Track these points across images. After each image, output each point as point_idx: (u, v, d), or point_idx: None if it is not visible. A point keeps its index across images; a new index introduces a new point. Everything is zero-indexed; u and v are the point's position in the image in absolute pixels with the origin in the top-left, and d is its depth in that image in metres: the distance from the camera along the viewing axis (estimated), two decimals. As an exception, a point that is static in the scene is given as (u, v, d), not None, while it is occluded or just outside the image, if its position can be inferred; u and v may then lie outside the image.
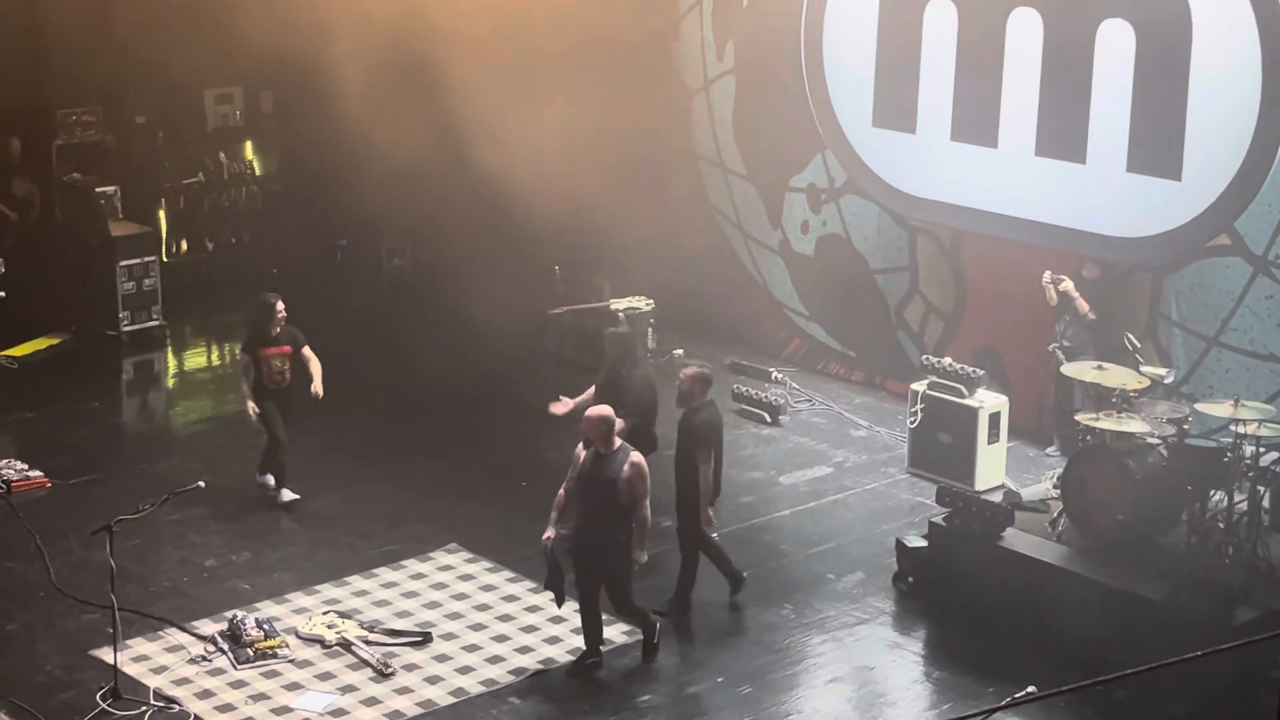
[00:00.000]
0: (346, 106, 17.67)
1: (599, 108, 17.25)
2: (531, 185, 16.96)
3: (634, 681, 11.42)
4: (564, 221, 17.33)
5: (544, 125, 16.80)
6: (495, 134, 17.04)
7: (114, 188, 18.12)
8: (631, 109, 17.71)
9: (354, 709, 11.01)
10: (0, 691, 10.86)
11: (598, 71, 17.09)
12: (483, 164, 17.17)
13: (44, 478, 14.23)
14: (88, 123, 18.39)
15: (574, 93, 16.83)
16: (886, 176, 16.28)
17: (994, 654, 11.69)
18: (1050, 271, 14.57)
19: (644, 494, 11.11)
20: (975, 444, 13.95)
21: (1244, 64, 13.70)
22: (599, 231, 17.64)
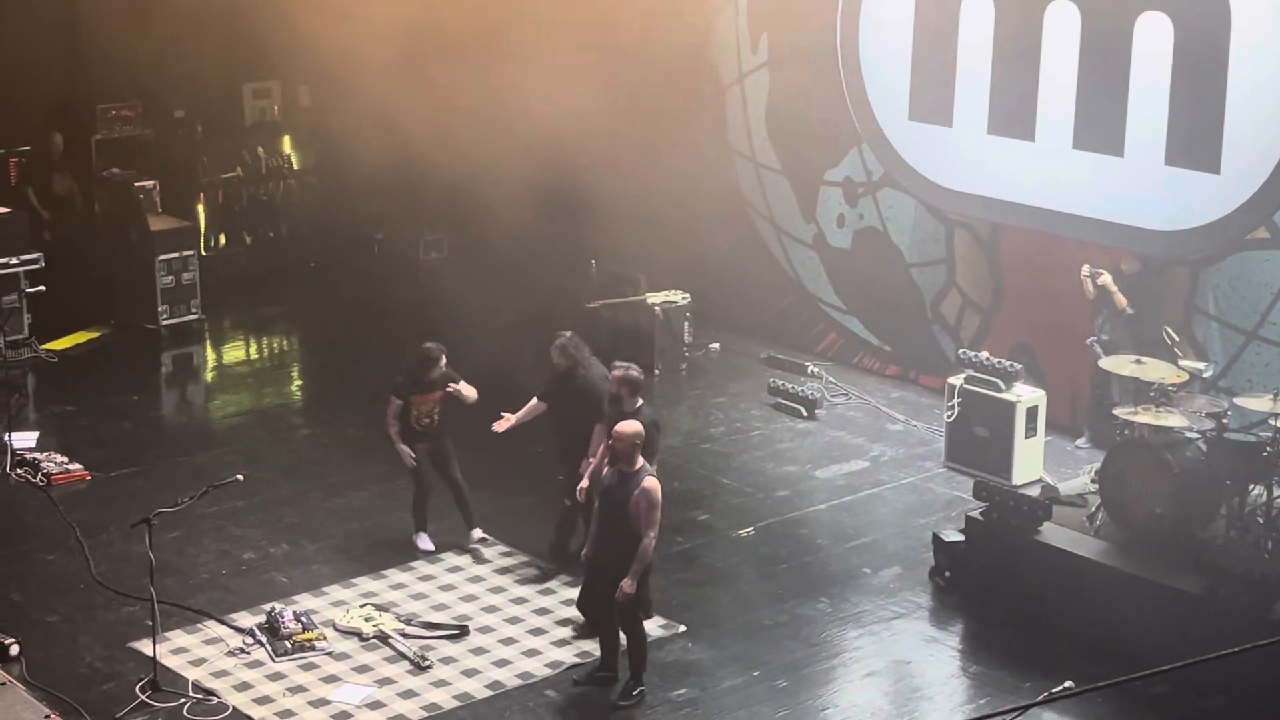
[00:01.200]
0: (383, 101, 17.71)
1: (633, 102, 17.25)
2: (566, 179, 16.98)
3: (669, 676, 11.40)
4: (599, 215, 17.35)
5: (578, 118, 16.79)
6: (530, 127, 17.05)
7: (153, 182, 18.16)
8: (665, 103, 17.72)
9: (391, 701, 11.02)
10: (41, 683, 10.91)
11: (632, 65, 17.08)
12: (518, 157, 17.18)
13: (84, 470, 14.28)
14: (127, 118, 18.48)
15: (608, 86, 16.82)
16: (923, 170, 16.22)
17: (1031, 649, 11.65)
18: (1089, 265, 14.49)
19: (650, 523, 10.71)
20: (1012, 438, 13.92)
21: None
22: (635, 225, 17.65)
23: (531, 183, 17.04)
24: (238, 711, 10.83)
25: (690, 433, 15.63)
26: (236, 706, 10.88)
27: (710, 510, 13.96)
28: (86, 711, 10.63)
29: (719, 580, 12.78)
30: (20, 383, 16.18)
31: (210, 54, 18.05)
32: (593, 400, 12.33)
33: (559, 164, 16.86)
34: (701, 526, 13.67)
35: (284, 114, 19.59)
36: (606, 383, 12.25)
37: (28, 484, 14.05)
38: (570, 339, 12.71)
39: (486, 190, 17.84)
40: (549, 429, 12.67)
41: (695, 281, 17.34)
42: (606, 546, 10.89)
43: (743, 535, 13.52)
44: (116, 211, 18.02)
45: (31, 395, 16.19)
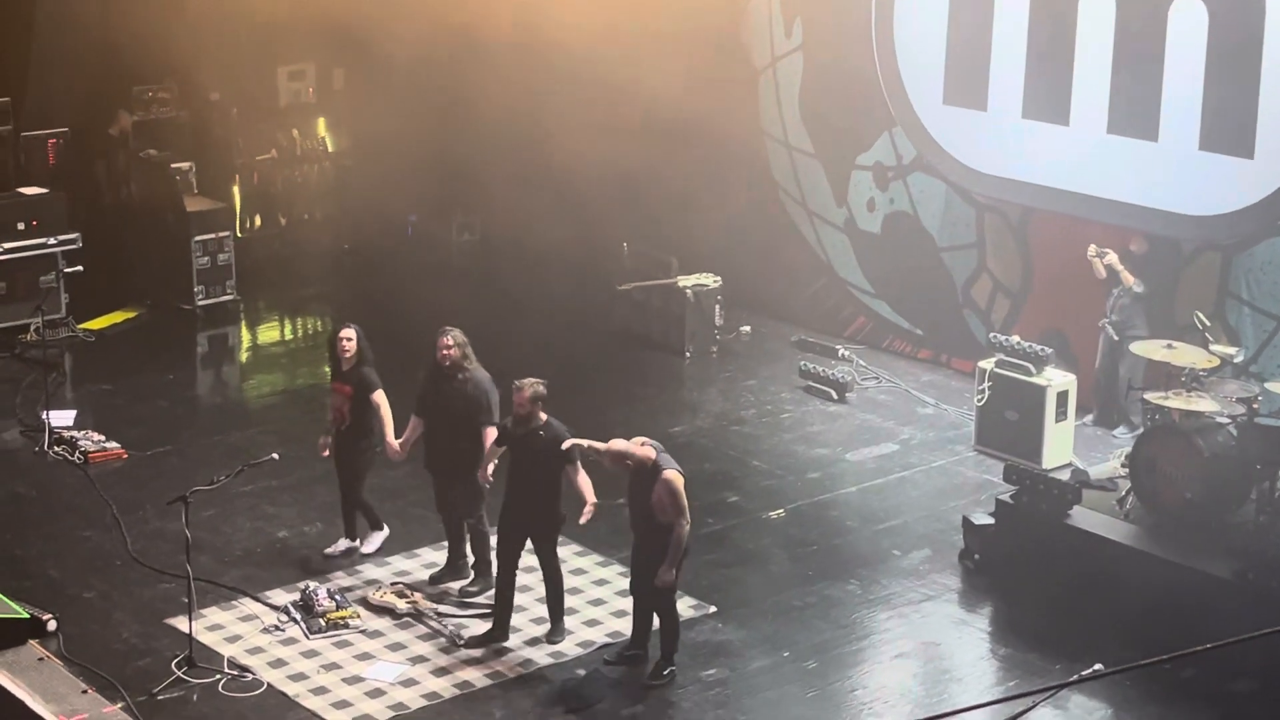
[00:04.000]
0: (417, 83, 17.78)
1: (666, 85, 17.24)
2: (599, 162, 16.99)
3: (700, 656, 11.43)
4: (632, 198, 17.36)
5: (610, 103, 16.81)
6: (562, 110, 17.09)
7: (189, 164, 18.21)
8: (698, 86, 17.69)
9: (424, 679, 11.08)
10: (78, 658, 10.98)
11: (664, 49, 17.06)
12: (551, 140, 17.22)
13: (120, 449, 14.35)
14: (163, 99, 18.53)
15: (640, 70, 16.82)
16: (956, 154, 16.18)
17: (1060, 631, 11.65)
18: (1095, 245, 14.49)
19: (677, 512, 10.79)
20: (1043, 422, 13.90)
21: (1317, 41, 13.57)
22: (666, 208, 17.67)
23: (564, 165, 17.07)
24: (272, 688, 10.91)
25: (721, 415, 15.63)
26: (271, 683, 10.96)
27: (741, 492, 13.98)
28: (123, 687, 10.70)
29: (749, 562, 12.81)
30: (58, 362, 16.25)
31: (245, 36, 18.08)
32: (481, 405, 11.85)
33: (592, 146, 16.88)
34: (732, 508, 13.68)
35: (319, 96, 19.61)
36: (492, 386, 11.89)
37: (65, 461, 14.14)
38: (459, 333, 11.99)
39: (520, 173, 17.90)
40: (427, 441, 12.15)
41: (727, 265, 17.32)
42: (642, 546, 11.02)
43: (773, 517, 13.54)
44: (153, 193, 18.07)
45: (69, 374, 16.26)
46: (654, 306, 17.11)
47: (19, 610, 11.03)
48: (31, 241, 16.84)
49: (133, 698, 10.58)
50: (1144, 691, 10.92)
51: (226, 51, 18.22)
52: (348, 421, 12.36)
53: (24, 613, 11.05)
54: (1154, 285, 14.40)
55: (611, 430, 11.38)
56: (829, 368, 16.28)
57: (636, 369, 16.59)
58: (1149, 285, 14.34)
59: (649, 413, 15.54)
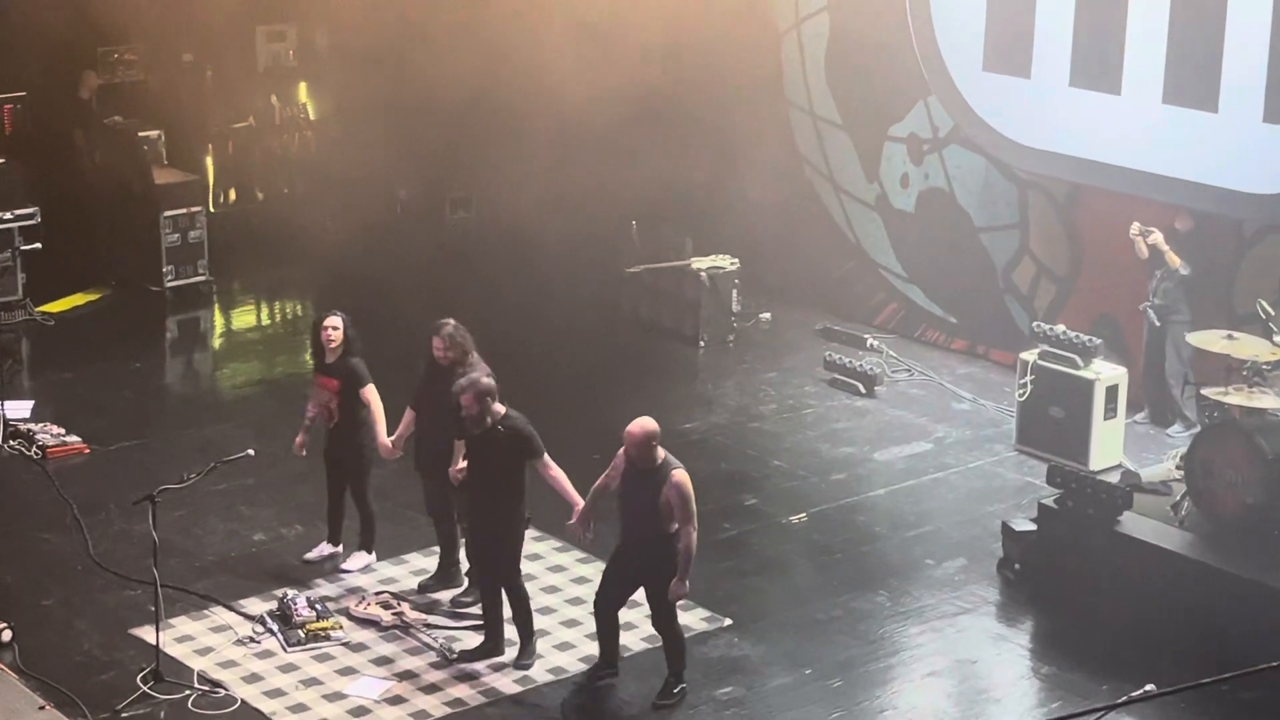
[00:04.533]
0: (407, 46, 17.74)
1: (679, 49, 17.23)
2: (607, 132, 16.99)
3: (714, 673, 11.43)
4: (642, 173, 17.35)
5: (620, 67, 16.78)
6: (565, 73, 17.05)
7: (158, 132, 18.27)
8: (715, 50, 17.68)
9: (412, 696, 11.07)
10: (35, 671, 10.97)
11: (679, 8, 17.04)
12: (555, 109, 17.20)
13: (82, 443, 14.36)
14: (130, 62, 18.55)
15: (651, 31, 16.81)
16: (997, 125, 16.16)
17: (1108, 648, 11.64)
18: (1139, 223, 14.51)
19: (686, 518, 10.72)
20: (1090, 419, 13.90)
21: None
22: (680, 183, 17.65)
23: (567, 137, 17.07)
24: (246, 705, 10.89)
25: (738, 410, 15.65)
26: (245, 699, 10.94)
27: (759, 494, 13.98)
28: (84, 703, 10.68)
29: (768, 570, 12.81)
30: (14, 347, 16.31)
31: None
32: None
33: (598, 116, 16.87)
34: (750, 512, 13.69)
35: (300, 59, 19.63)
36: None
37: (21, 457, 14.14)
38: (458, 327, 12.00)
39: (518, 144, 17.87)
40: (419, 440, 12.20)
41: (745, 245, 17.34)
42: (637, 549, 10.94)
43: (794, 522, 13.54)
44: (118, 163, 18.07)
45: (26, 361, 16.31)
46: (665, 291, 17.12)
47: (-30, 619, 11.06)
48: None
49: (94, 715, 10.55)
50: (1200, 715, 10.91)
51: (200, 9, 18.20)
52: (336, 419, 12.35)
53: (-24, 622, 11.07)
54: (1200, 267, 14.43)
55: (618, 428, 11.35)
56: (856, 359, 16.29)
57: (646, 360, 16.60)
58: (1194, 267, 14.36)
59: (659, 408, 15.45)
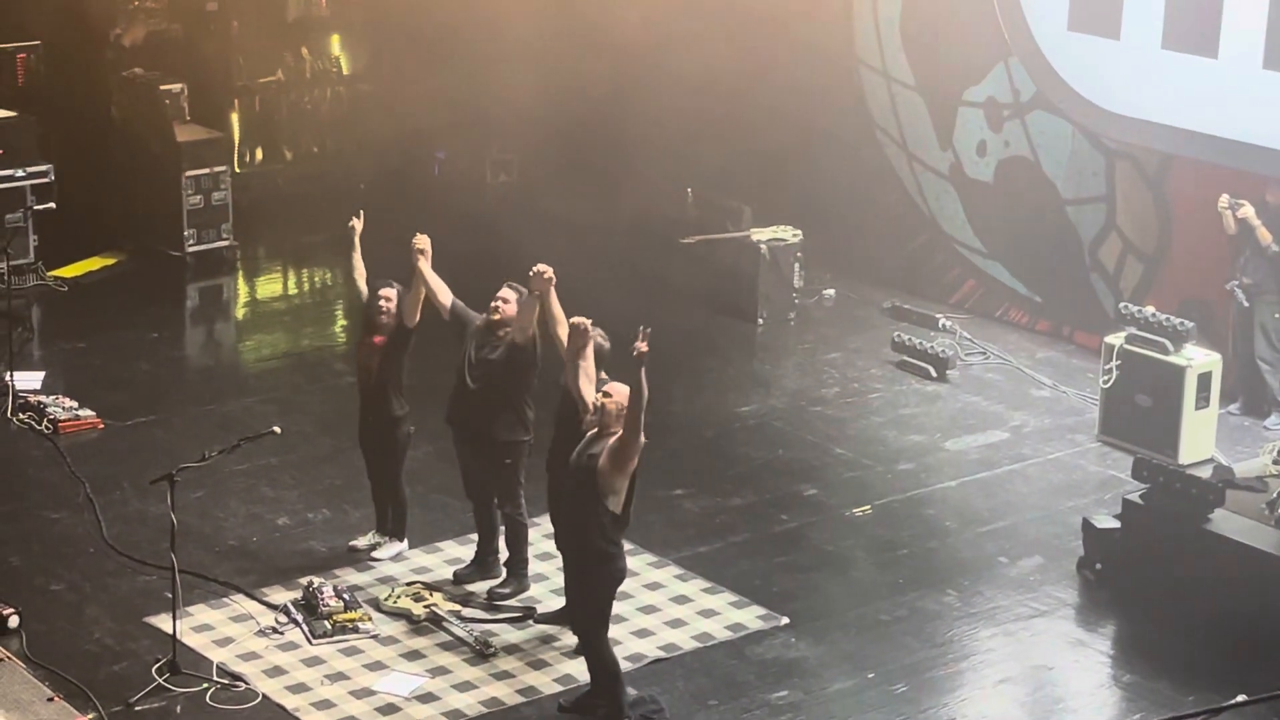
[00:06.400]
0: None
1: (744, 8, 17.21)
2: (660, 91, 16.97)
3: (769, 675, 11.45)
4: (699, 134, 17.32)
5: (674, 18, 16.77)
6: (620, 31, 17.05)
7: (180, 86, 18.27)
8: (780, 9, 17.65)
9: (445, 694, 11.11)
10: (43, 660, 11.03)
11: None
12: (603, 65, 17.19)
13: (96, 418, 14.45)
14: (151, 9, 18.60)
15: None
16: (1083, 90, 16.12)
17: (1196, 655, 11.61)
18: (1228, 195, 14.49)
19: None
20: (1180, 409, 13.84)
21: None
22: (740, 147, 17.63)
23: (619, 96, 17.05)
24: (268, 700, 10.94)
25: (798, 393, 15.66)
26: (266, 694, 10.99)
27: (821, 484, 13.99)
28: (94, 695, 10.74)
29: (828, 566, 12.81)
30: (25, 314, 16.38)
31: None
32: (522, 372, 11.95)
33: (651, 73, 16.86)
34: (810, 503, 13.70)
35: (332, 8, 19.66)
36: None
37: (31, 431, 14.25)
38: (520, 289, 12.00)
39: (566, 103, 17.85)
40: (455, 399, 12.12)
41: (809, 216, 17.33)
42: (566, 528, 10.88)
43: (858, 515, 13.54)
44: (137, 119, 18.14)
45: (37, 329, 16.41)
46: (722, 264, 17.12)
47: (-24, 603, 11.17)
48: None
49: (106, 707, 10.61)
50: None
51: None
52: (375, 378, 12.38)
53: (-19, 607, 11.17)
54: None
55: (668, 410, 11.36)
56: (927, 340, 16.28)
57: (701, 337, 16.60)
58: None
59: (715, 388, 15.58)
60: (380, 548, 12.64)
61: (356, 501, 13.10)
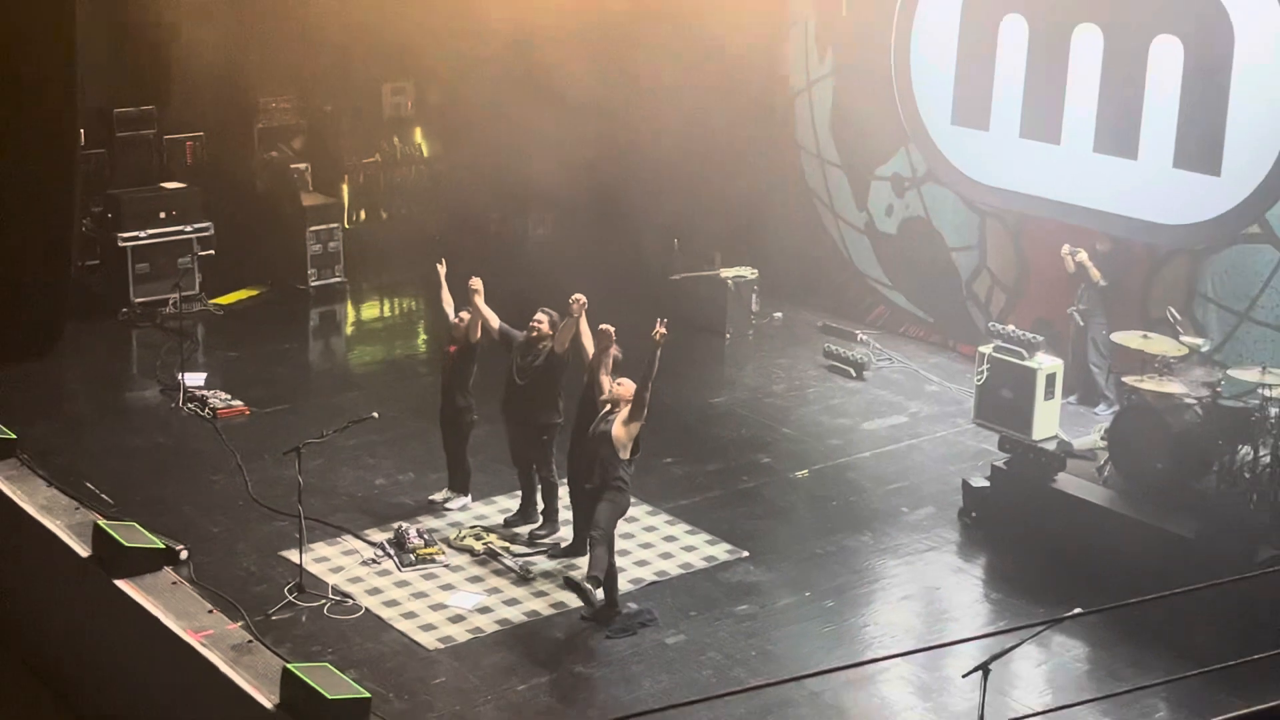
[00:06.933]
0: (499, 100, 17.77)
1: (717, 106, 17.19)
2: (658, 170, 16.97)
3: (734, 594, 11.44)
4: (684, 201, 17.33)
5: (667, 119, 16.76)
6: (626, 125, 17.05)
7: (305, 165, 18.32)
8: (744, 107, 17.65)
9: (498, 607, 11.13)
10: (205, 584, 11.06)
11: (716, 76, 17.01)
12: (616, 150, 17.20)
13: (244, 406, 14.44)
14: (284, 109, 18.59)
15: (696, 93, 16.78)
16: (962, 167, 16.12)
17: (1045, 580, 11.62)
18: (1069, 245, 14.49)
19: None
20: (1033, 400, 13.77)
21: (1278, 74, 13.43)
22: (713, 209, 17.63)
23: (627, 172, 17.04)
24: (369, 612, 10.99)
25: (755, 388, 15.63)
26: (368, 608, 11.04)
27: (772, 454, 13.98)
28: (242, 608, 10.78)
29: (778, 515, 12.81)
30: (192, 331, 16.36)
31: (356, 57, 18.11)
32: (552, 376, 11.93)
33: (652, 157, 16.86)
34: (764, 468, 13.69)
35: (417, 109, 19.63)
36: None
37: (197, 416, 14.26)
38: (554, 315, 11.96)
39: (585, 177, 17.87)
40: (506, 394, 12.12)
41: (763, 259, 17.32)
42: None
43: (799, 477, 13.53)
44: (274, 189, 18.16)
45: (201, 342, 16.38)
46: (699, 294, 17.10)
47: (156, 542, 11.13)
48: (171, 229, 16.97)
49: (250, 618, 10.66)
50: (1115, 633, 10.88)
51: (338, 69, 18.26)
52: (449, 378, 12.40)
53: (160, 544, 11.14)
54: (1117, 280, 14.39)
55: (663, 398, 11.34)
56: (849, 349, 16.26)
57: (683, 348, 16.52)
58: (1111, 280, 14.33)
59: (694, 385, 15.56)
60: (450, 501, 12.64)
61: (434, 467, 13.11)
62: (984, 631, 10.92)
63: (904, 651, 10.31)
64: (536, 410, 11.94)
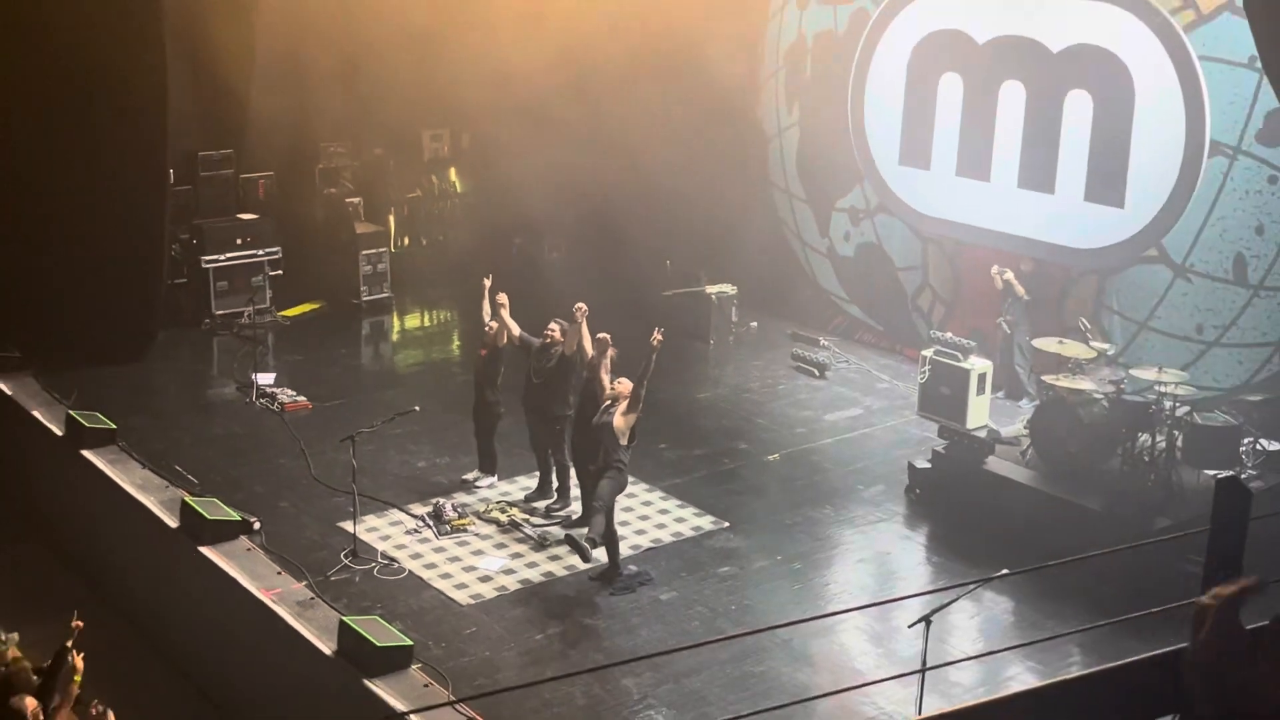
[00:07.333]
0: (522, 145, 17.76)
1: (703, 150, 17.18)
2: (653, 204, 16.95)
3: (717, 558, 11.43)
4: (674, 230, 17.32)
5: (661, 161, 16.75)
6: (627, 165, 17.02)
7: (358, 199, 18.26)
8: (725, 151, 17.63)
9: (520, 570, 11.11)
10: (275, 550, 11.05)
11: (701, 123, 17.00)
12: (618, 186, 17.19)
13: (307, 401, 14.43)
14: (339, 152, 18.56)
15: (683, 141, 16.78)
16: (908, 200, 16.11)
17: (978, 546, 11.59)
18: (997, 265, 14.47)
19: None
20: (967, 395, 13.76)
21: (1172, 123, 13.43)
22: (698, 235, 17.63)
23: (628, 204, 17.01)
24: (412, 574, 10.97)
25: (735, 386, 15.61)
26: (411, 570, 11.02)
27: (748, 441, 13.96)
28: (306, 570, 10.78)
29: (753, 491, 12.80)
30: (263, 338, 16.35)
31: (400, 107, 18.08)
32: (565, 377, 11.84)
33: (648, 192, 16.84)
34: (741, 453, 13.67)
35: (452, 152, 19.62)
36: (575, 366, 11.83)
37: (267, 410, 14.24)
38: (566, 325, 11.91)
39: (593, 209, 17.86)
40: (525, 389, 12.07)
41: (742, 277, 17.29)
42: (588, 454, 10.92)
43: (771, 460, 13.51)
44: (332, 219, 18.12)
45: (271, 347, 16.35)
46: (688, 307, 17.07)
47: (233, 514, 11.14)
48: (246, 253, 16.95)
49: (313, 578, 10.65)
50: (1036, 590, 10.87)
51: (385, 119, 18.24)
52: (480, 376, 12.38)
53: (237, 516, 11.16)
54: (1038, 295, 14.37)
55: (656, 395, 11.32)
56: (814, 352, 16.24)
57: (674, 352, 16.51)
58: (1033, 295, 14.31)
59: (683, 383, 15.54)
60: (480, 480, 12.62)
61: (466, 452, 13.08)
62: (927, 589, 10.96)
63: (859, 606, 10.33)
64: (551, 404, 11.92)
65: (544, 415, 12.01)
